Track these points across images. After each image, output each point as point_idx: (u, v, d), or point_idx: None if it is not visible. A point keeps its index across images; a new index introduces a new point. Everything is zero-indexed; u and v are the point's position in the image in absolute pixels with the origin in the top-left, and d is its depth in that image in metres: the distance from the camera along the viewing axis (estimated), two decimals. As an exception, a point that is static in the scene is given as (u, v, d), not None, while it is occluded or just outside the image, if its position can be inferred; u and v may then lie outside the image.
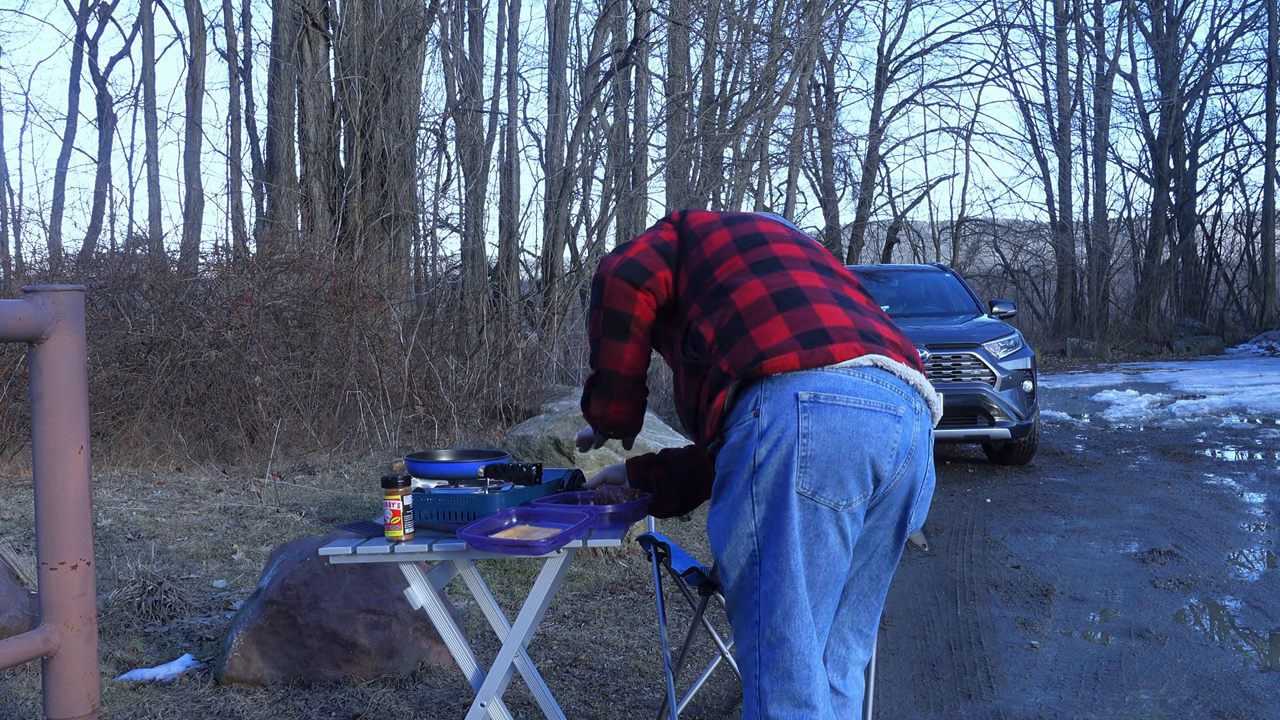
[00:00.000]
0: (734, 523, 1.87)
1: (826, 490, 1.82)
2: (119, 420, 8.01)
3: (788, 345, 1.85)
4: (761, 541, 1.85)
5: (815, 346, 1.84)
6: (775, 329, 1.89)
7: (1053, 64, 27.38)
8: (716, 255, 2.08)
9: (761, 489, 1.84)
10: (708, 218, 2.19)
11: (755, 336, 1.89)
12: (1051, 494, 7.05)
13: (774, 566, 1.84)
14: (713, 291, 2.03)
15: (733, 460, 1.87)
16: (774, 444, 1.82)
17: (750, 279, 2.00)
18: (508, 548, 2.20)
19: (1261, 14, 25.57)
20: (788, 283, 1.98)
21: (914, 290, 9.66)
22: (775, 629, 1.85)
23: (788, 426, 1.81)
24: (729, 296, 1.99)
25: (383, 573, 3.56)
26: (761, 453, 1.83)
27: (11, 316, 1.68)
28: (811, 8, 17.42)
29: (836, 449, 1.81)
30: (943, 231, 29.44)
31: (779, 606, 1.85)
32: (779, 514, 1.83)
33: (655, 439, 7.65)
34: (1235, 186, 28.31)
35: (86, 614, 1.79)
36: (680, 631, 4.10)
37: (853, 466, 1.82)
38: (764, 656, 1.86)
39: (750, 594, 1.87)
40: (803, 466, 1.81)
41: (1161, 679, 3.58)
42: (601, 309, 2.16)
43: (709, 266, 2.07)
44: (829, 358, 1.83)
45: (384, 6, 12.79)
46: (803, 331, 1.87)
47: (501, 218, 15.42)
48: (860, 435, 1.82)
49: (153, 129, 18.29)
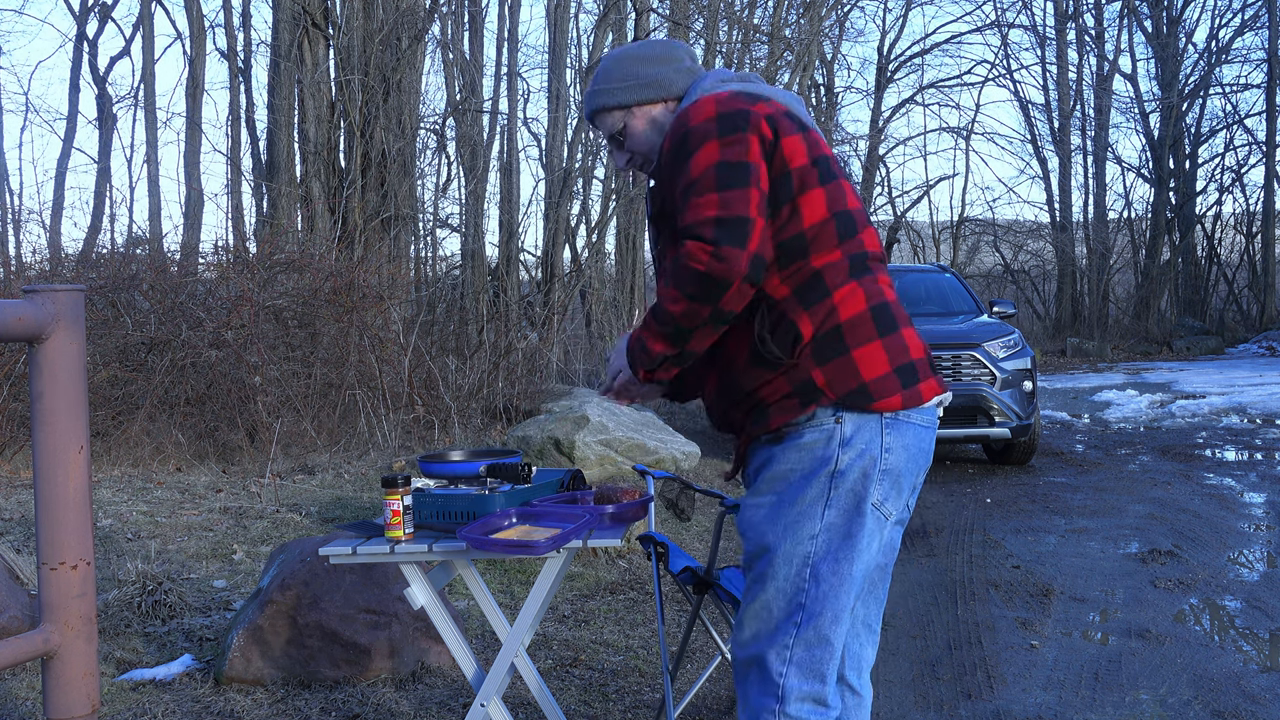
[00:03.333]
0: (800, 521, 1.88)
1: (889, 502, 1.91)
2: (119, 420, 8.00)
3: (890, 384, 1.89)
4: (824, 545, 1.88)
5: (911, 387, 1.91)
6: (876, 357, 1.89)
7: (1053, 64, 27.38)
8: (815, 233, 1.92)
9: (839, 494, 1.87)
10: (801, 159, 1.92)
11: (857, 360, 1.88)
12: (1051, 494, 7.05)
13: (834, 570, 1.87)
14: (808, 279, 1.91)
15: (804, 460, 1.89)
16: (858, 454, 1.87)
17: (848, 282, 1.92)
18: (508, 548, 2.20)
19: (1261, 14, 25.59)
20: (879, 296, 1.94)
21: (914, 290, 9.66)
22: (821, 631, 1.88)
23: (873, 439, 1.88)
24: (830, 299, 1.90)
25: (383, 573, 3.56)
26: (844, 459, 1.87)
27: (11, 316, 1.68)
28: (811, 8, 17.42)
29: (906, 463, 1.92)
30: (943, 231, 29.45)
31: (830, 610, 1.88)
32: (852, 522, 1.88)
33: (655, 439, 7.65)
34: (1235, 186, 28.35)
35: (86, 614, 1.79)
36: (680, 632, 4.10)
37: (910, 481, 1.95)
38: (797, 656, 1.88)
39: (797, 593, 1.88)
40: (880, 479, 1.88)
41: (1161, 679, 3.58)
42: (713, 307, 1.85)
43: (805, 245, 1.91)
44: (919, 400, 1.92)
45: (384, 6, 12.79)
46: (899, 365, 1.91)
47: (501, 218, 15.42)
48: (923, 452, 1.95)
49: (153, 129, 18.29)
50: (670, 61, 2.11)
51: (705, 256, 1.80)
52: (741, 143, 1.87)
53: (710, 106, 1.92)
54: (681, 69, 2.12)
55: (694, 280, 1.82)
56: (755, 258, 1.82)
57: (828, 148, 2.01)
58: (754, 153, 1.87)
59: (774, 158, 1.90)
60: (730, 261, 1.80)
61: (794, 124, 1.94)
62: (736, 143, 1.87)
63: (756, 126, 1.89)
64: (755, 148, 1.88)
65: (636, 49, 2.15)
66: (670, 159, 1.95)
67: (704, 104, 1.93)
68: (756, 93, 1.99)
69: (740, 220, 1.81)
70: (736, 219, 1.81)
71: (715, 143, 1.87)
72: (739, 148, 1.87)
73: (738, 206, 1.81)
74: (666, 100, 2.11)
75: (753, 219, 1.82)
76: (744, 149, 1.87)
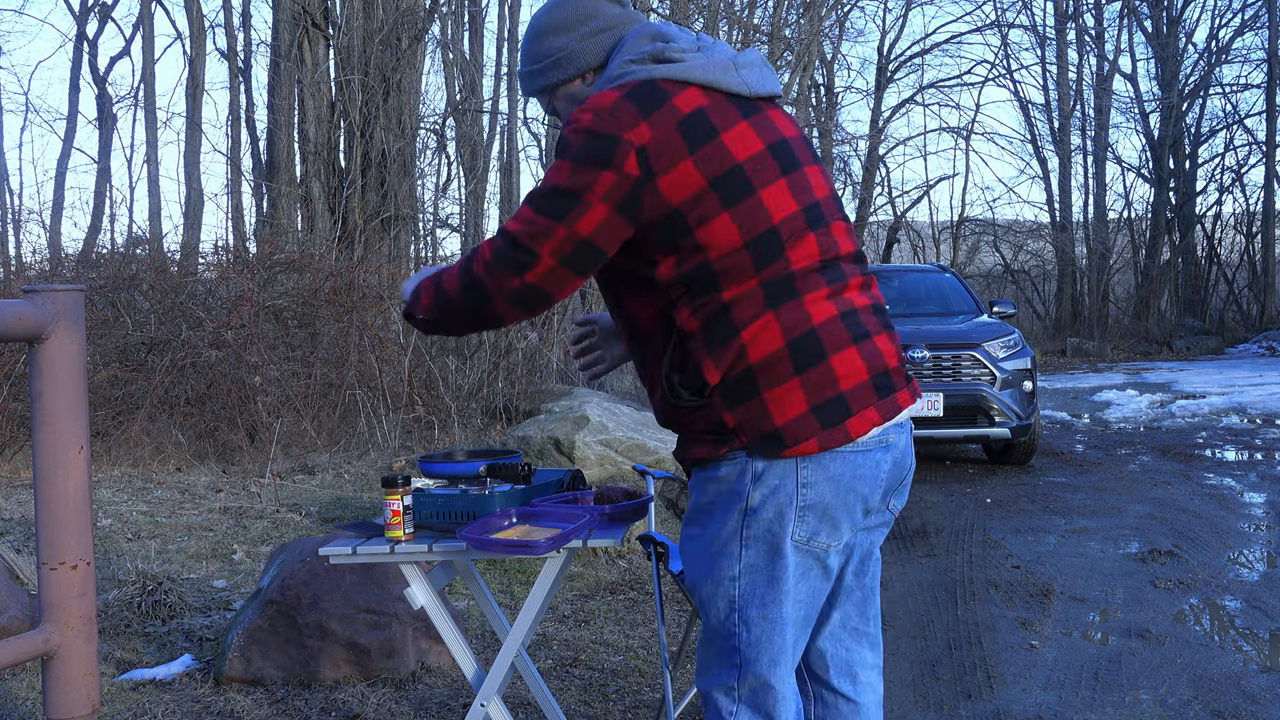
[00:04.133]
0: (718, 561, 1.79)
1: (820, 536, 1.77)
2: (119, 420, 8.01)
3: (806, 426, 1.71)
4: (747, 588, 1.77)
5: (834, 425, 1.72)
6: (792, 398, 1.71)
7: (1053, 64, 27.39)
8: (724, 264, 1.72)
9: (754, 534, 1.75)
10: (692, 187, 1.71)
11: (769, 402, 1.71)
12: (1051, 494, 7.05)
13: (762, 615, 1.78)
14: (715, 314, 1.73)
15: (720, 495, 1.78)
16: (771, 490, 1.73)
17: (762, 314, 1.72)
18: (508, 548, 2.20)
19: (1261, 14, 25.60)
20: (803, 325, 1.73)
21: (914, 290, 9.66)
22: (760, 676, 1.80)
23: (786, 476, 1.73)
24: (739, 338, 1.72)
25: (383, 573, 3.56)
26: (756, 497, 1.74)
27: (11, 316, 1.68)
28: (811, 8, 17.43)
29: (834, 495, 1.75)
30: (943, 231, 29.45)
31: (765, 654, 1.79)
32: (772, 563, 1.76)
33: (655, 439, 7.65)
34: (1235, 186, 28.37)
35: (86, 614, 1.79)
36: (680, 631, 4.09)
37: (846, 511, 1.77)
38: (744, 696, 1.81)
39: (729, 636, 1.80)
40: (800, 516, 1.74)
41: (1161, 679, 3.58)
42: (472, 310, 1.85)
43: (713, 277, 1.72)
44: (845, 437, 1.73)
45: (384, 6, 12.80)
46: (821, 403, 1.72)
47: (501, 218, 15.42)
48: (857, 479, 1.76)
49: (153, 129, 18.30)
50: (577, 26, 1.89)
51: (481, 266, 1.78)
52: (589, 175, 1.70)
53: (587, 117, 1.72)
54: (590, 32, 1.88)
55: (468, 278, 1.81)
56: (528, 289, 1.76)
57: (757, 141, 1.76)
58: (597, 191, 1.70)
59: (643, 199, 1.70)
60: (498, 282, 1.76)
61: (694, 137, 1.71)
62: (584, 173, 1.70)
63: (620, 163, 1.69)
64: (603, 186, 1.70)
65: (547, 17, 1.92)
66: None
67: (585, 110, 1.74)
68: (661, 90, 1.74)
69: (526, 253, 1.73)
70: (525, 250, 1.73)
71: (568, 165, 1.72)
72: (584, 179, 1.70)
73: (535, 239, 1.73)
74: (584, 75, 1.91)
75: (540, 256, 1.73)
76: (588, 183, 1.70)
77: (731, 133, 1.73)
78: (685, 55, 1.79)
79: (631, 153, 1.69)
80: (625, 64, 1.81)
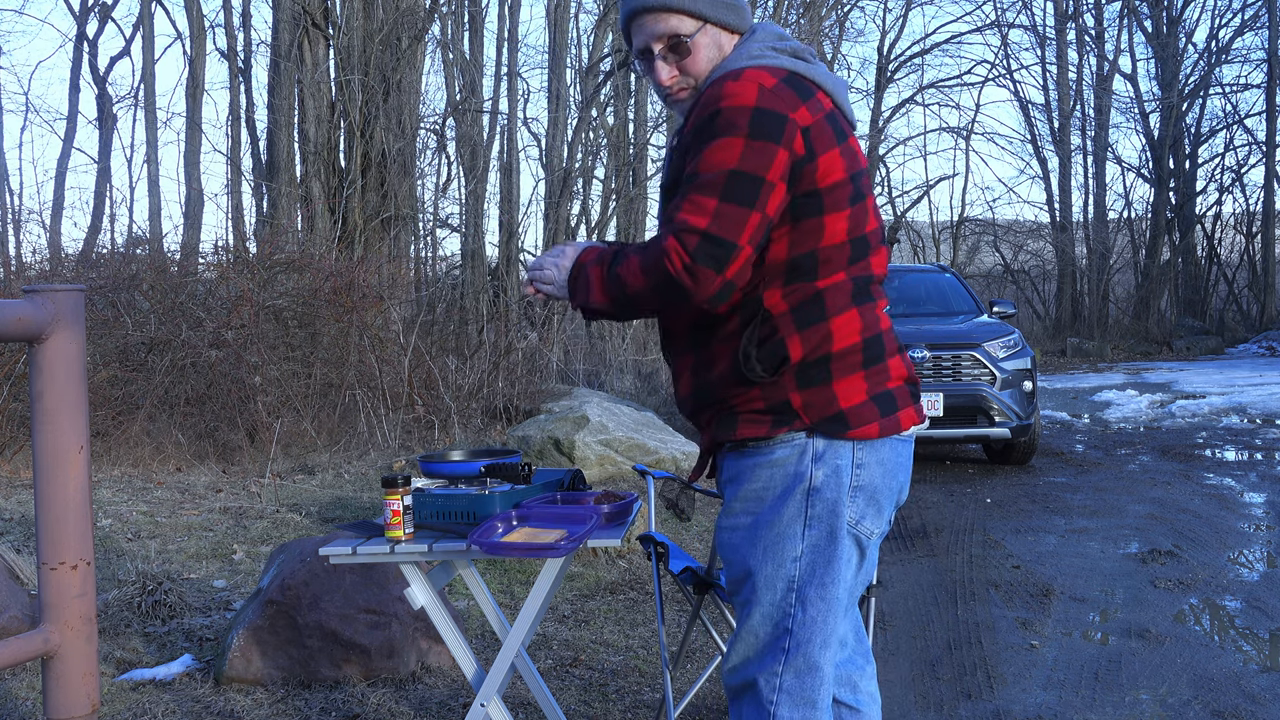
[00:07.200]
0: (780, 543, 1.82)
1: (867, 520, 1.85)
2: (119, 420, 8.01)
3: (868, 412, 1.82)
4: (808, 567, 1.82)
5: (889, 415, 1.85)
6: (855, 386, 1.82)
7: (1053, 64, 27.39)
8: (828, 254, 1.82)
9: (817, 514, 1.81)
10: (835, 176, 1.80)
11: (837, 389, 1.81)
12: (1051, 494, 7.05)
13: (820, 595, 1.82)
14: (809, 298, 1.81)
15: (776, 477, 1.82)
16: (833, 470, 1.81)
17: (849, 308, 1.83)
18: (527, 550, 2.19)
19: (1261, 14, 25.58)
20: (875, 327, 1.86)
21: (914, 290, 9.66)
22: (810, 657, 1.83)
23: (844, 455, 1.81)
24: (828, 324, 1.81)
25: (383, 573, 3.56)
26: (819, 476, 1.80)
27: (11, 316, 1.68)
28: (811, 8, 17.41)
29: (882, 479, 1.85)
30: (943, 231, 29.45)
31: (819, 636, 1.83)
32: (831, 542, 1.82)
33: (655, 439, 7.65)
34: (1235, 186, 28.35)
35: (86, 614, 1.79)
36: (680, 631, 4.09)
37: (889, 495, 1.88)
38: (787, 683, 1.83)
39: (783, 619, 1.83)
40: (853, 495, 1.82)
41: (1161, 679, 3.58)
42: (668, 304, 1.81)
43: (815, 264, 1.81)
44: (897, 428, 1.86)
45: (384, 6, 12.80)
46: (878, 393, 1.85)
47: (501, 218, 15.43)
48: (899, 467, 1.88)
49: (153, 129, 18.30)
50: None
51: (679, 265, 1.72)
52: (767, 154, 1.71)
53: (752, 93, 1.73)
54: (747, 7, 1.93)
55: (661, 277, 1.74)
56: (727, 285, 1.73)
57: (863, 156, 1.89)
58: (776, 170, 1.72)
59: (803, 175, 1.75)
60: (701, 283, 1.72)
61: (835, 133, 1.81)
62: (762, 152, 1.71)
63: (790, 140, 1.73)
64: (780, 165, 1.72)
65: None
66: (694, 132, 1.78)
67: (747, 84, 1.74)
68: (806, 84, 1.82)
69: (726, 245, 1.71)
70: (723, 242, 1.70)
71: (741, 142, 1.71)
72: (763, 158, 1.71)
73: (730, 229, 1.70)
74: (738, 33, 1.90)
75: (740, 247, 1.71)
76: (767, 162, 1.71)
77: (850, 142, 1.87)
78: (815, 61, 1.89)
79: (798, 133, 1.76)
80: (766, 48, 1.87)
